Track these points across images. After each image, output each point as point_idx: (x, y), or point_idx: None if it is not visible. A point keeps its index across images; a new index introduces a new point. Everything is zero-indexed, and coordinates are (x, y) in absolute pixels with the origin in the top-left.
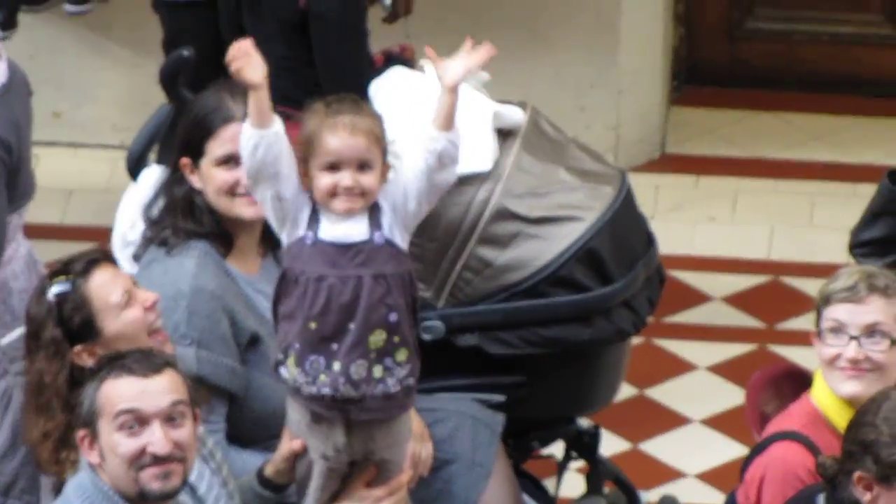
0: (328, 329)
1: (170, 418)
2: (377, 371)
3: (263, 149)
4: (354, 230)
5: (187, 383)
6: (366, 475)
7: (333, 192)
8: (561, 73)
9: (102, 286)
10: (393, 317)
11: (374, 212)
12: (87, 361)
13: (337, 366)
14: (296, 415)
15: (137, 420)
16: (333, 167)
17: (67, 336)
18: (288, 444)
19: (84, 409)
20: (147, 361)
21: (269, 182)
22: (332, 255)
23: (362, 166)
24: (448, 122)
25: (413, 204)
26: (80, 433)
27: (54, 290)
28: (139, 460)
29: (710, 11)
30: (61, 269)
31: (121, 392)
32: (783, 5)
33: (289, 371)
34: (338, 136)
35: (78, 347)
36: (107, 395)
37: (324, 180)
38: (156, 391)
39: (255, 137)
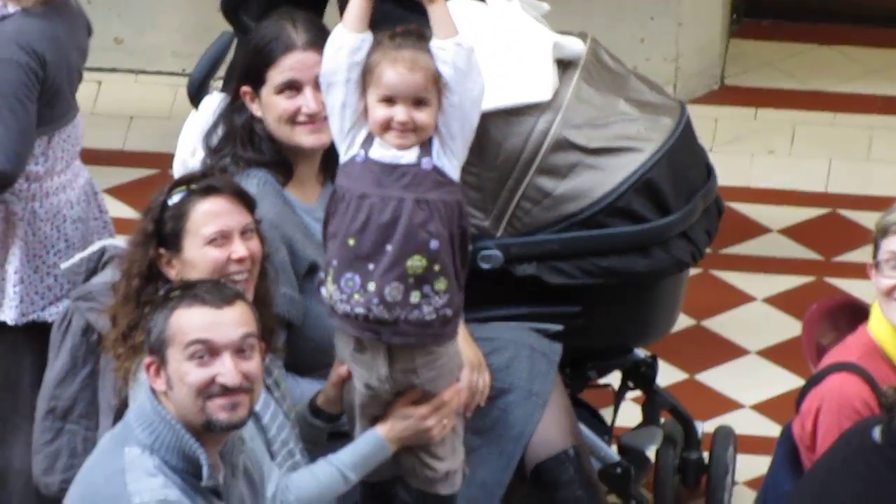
0: (365, 248)
1: (240, 350)
2: (414, 296)
3: (348, 52)
4: (404, 153)
5: (256, 315)
6: (411, 396)
7: (387, 126)
8: (621, 5)
9: (205, 214)
10: (434, 244)
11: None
12: (164, 267)
13: (372, 286)
14: (341, 343)
15: (208, 350)
16: (390, 100)
17: (157, 234)
18: (336, 370)
19: (153, 337)
20: (219, 292)
21: (341, 88)
22: (379, 175)
23: (418, 102)
24: (447, 29)
25: (454, 124)
26: (148, 360)
27: (172, 195)
28: (208, 390)
29: None
30: (189, 179)
31: (193, 322)
32: None
33: (326, 288)
34: (397, 70)
35: (161, 250)
36: (178, 324)
37: (379, 112)
38: (227, 323)
39: (345, 39)
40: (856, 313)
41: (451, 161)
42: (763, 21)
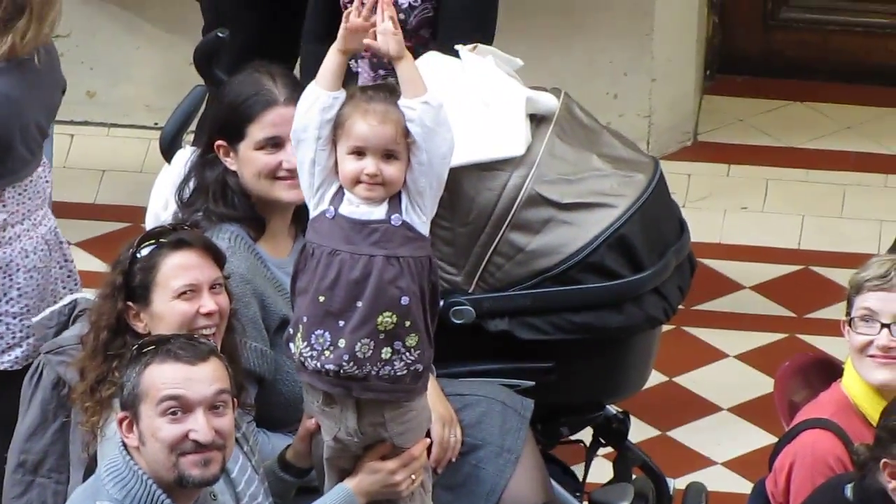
0: (336, 304)
1: (213, 406)
2: (385, 352)
3: (319, 109)
4: (373, 209)
5: (230, 372)
6: (380, 450)
7: (357, 179)
8: (595, 60)
9: (175, 267)
10: (405, 300)
11: (394, 194)
12: (133, 320)
13: (342, 342)
14: (309, 396)
15: (181, 406)
16: (360, 153)
17: (125, 287)
18: (304, 424)
19: (126, 392)
20: (193, 348)
21: (311, 145)
22: (349, 231)
23: (388, 156)
24: (415, 88)
25: (422, 180)
26: (120, 415)
27: (142, 248)
28: (180, 446)
29: (744, 1)
30: (159, 232)
31: (166, 377)
32: None
33: (295, 345)
34: (368, 122)
35: (130, 303)
36: (151, 380)
37: (349, 165)
38: (201, 379)
39: (319, 96)
40: (828, 370)
41: (420, 217)
42: (737, 77)
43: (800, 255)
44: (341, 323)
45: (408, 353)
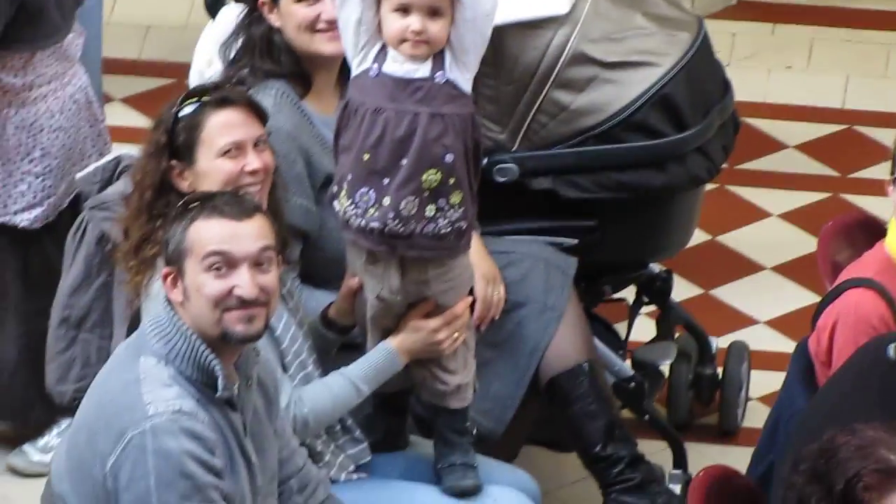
0: (381, 162)
1: (257, 263)
2: (429, 210)
3: None
4: (418, 66)
5: (275, 228)
6: (423, 308)
7: (402, 37)
8: None
9: (219, 125)
10: (449, 157)
11: (437, 51)
12: (176, 179)
13: (387, 200)
14: (353, 255)
15: (226, 262)
16: (405, 10)
17: (169, 146)
18: (347, 283)
19: (171, 247)
20: (239, 205)
21: (358, 3)
22: (392, 89)
23: (433, 13)
24: None
25: (467, 38)
26: (165, 270)
27: (184, 106)
28: (225, 301)
29: None
30: (201, 91)
31: (212, 233)
32: None
33: (340, 203)
34: None
35: (174, 162)
36: (197, 235)
37: (394, 23)
38: (246, 235)
39: None
40: (872, 230)
41: (463, 74)
42: None
43: (844, 115)
44: (386, 181)
45: (452, 211)
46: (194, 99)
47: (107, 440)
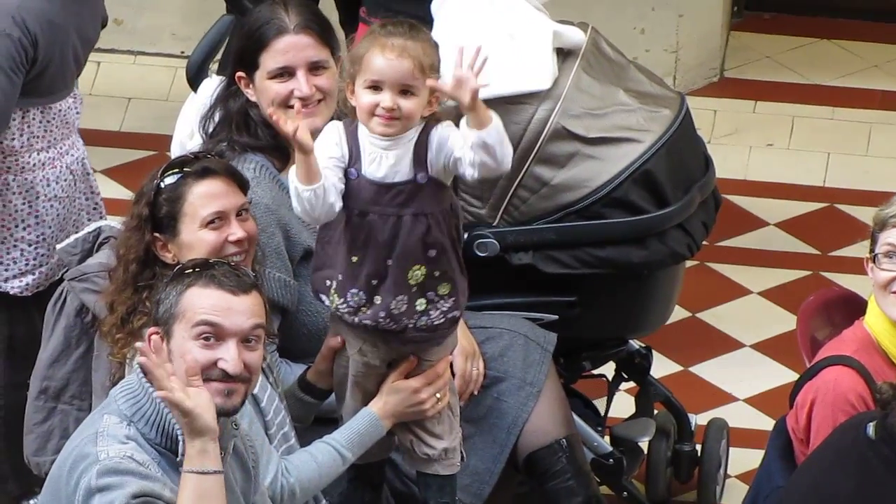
0: (368, 264)
1: (246, 340)
2: (420, 304)
3: (313, 200)
4: (397, 170)
5: (266, 307)
6: (405, 367)
7: (372, 112)
8: None
9: (201, 196)
10: (432, 252)
11: (419, 149)
12: (160, 251)
13: (378, 300)
14: (339, 323)
15: (216, 334)
16: (376, 87)
17: (152, 219)
18: (328, 341)
19: (162, 308)
20: (237, 279)
21: (324, 212)
22: (374, 193)
23: (405, 91)
24: (481, 122)
25: (461, 169)
26: (151, 329)
27: (165, 178)
28: (207, 372)
29: None
30: (182, 162)
31: (206, 303)
32: None
33: (330, 300)
34: (385, 56)
35: (157, 234)
36: (190, 302)
37: (365, 98)
38: (241, 311)
39: (306, 193)
40: (851, 308)
41: (446, 172)
42: (764, 14)
43: (824, 193)
44: (374, 282)
45: (442, 302)
46: (176, 170)
47: (66, 495)
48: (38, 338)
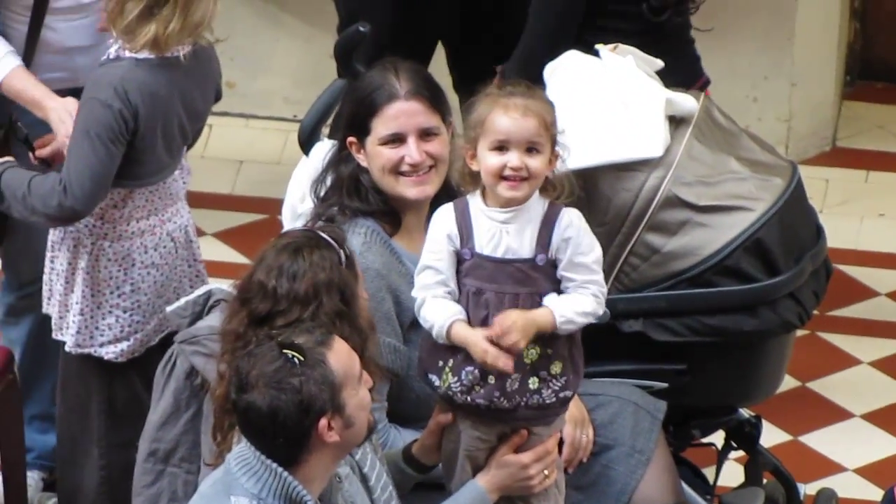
0: None
1: None
2: (532, 382)
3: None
4: (518, 247)
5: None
6: (515, 441)
7: (500, 174)
8: (735, 64)
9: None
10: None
11: (545, 230)
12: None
13: (492, 378)
14: None
15: None
16: (502, 148)
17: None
18: (437, 416)
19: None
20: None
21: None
22: (492, 271)
23: (530, 149)
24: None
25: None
26: None
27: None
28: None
29: (887, 6)
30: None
31: None
32: None
33: (443, 380)
34: (509, 116)
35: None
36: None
37: (491, 160)
38: None
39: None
40: None
41: (563, 253)
42: (877, 83)
43: None
44: None
45: (554, 381)
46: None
47: None
48: (137, 398)
